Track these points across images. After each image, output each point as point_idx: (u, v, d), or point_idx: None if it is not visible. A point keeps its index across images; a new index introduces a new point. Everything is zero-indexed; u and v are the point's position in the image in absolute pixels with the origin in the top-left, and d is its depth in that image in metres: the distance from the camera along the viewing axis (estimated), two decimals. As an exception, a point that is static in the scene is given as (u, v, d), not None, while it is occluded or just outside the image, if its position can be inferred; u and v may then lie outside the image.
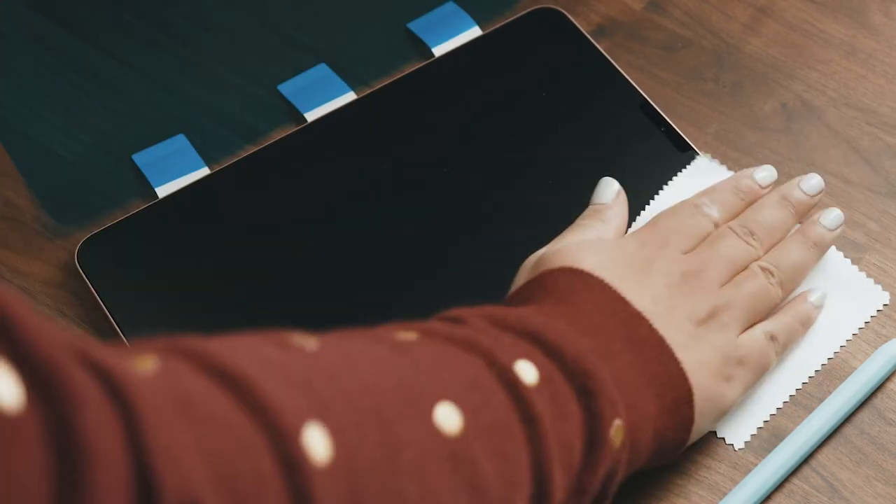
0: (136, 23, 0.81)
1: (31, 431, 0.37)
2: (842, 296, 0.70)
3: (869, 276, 0.71)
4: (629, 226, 0.71)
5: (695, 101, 0.78)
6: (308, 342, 0.51)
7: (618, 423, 0.57)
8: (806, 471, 0.67)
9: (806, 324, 0.69)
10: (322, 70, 0.79)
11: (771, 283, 0.67)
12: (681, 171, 0.73)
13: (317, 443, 0.46)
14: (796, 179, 0.70)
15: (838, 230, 0.70)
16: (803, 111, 0.78)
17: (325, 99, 0.77)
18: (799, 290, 0.69)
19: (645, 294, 0.63)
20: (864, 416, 0.68)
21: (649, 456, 0.61)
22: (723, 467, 0.67)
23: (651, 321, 0.62)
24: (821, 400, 0.69)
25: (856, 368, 0.70)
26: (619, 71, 0.78)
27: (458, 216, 0.73)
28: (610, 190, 0.69)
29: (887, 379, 0.69)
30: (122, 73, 0.79)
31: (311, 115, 0.77)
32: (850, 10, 0.81)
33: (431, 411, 0.52)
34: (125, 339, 0.69)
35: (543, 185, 0.74)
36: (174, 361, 0.45)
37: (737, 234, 0.67)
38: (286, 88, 0.78)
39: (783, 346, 0.67)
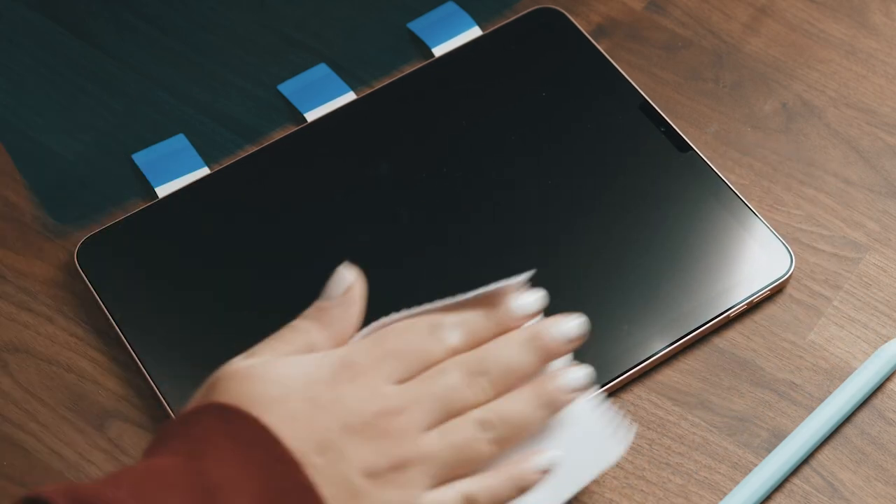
0: (136, 23, 0.81)
1: None
2: (585, 447, 0.61)
3: (620, 413, 0.64)
4: None
5: (695, 101, 0.78)
6: None
7: None
8: (806, 471, 0.67)
9: (523, 489, 0.59)
10: (322, 70, 0.79)
11: (485, 438, 0.58)
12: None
13: None
14: (555, 319, 0.61)
15: (578, 392, 0.61)
16: (803, 111, 0.78)
17: (325, 99, 0.77)
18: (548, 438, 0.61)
19: (315, 438, 0.55)
20: (864, 416, 0.68)
21: None
22: (723, 467, 0.67)
23: (308, 470, 0.54)
24: (821, 400, 0.69)
25: (856, 368, 0.70)
26: (619, 71, 0.78)
27: (458, 216, 0.73)
28: (339, 284, 0.60)
29: (887, 379, 0.69)
30: (122, 73, 0.79)
31: (311, 115, 0.77)
32: (850, 10, 0.81)
33: None
34: (125, 339, 0.69)
35: (543, 186, 0.74)
36: None
37: (466, 371, 0.59)
38: (286, 88, 0.78)
39: None
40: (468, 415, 0.58)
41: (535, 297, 0.61)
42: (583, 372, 0.61)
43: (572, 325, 0.61)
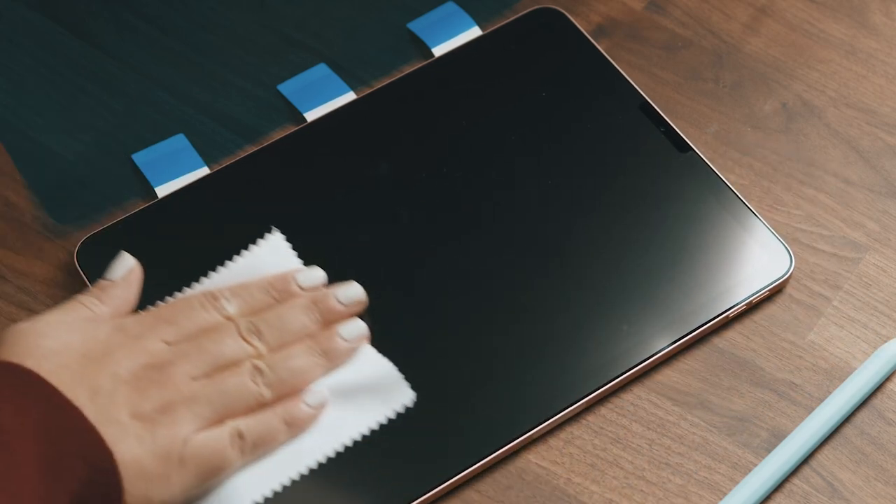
0: (136, 23, 0.81)
1: None
2: (368, 391, 0.66)
3: (400, 371, 0.66)
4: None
5: (695, 101, 0.78)
6: None
7: None
8: (806, 471, 0.67)
9: (293, 424, 0.63)
10: (322, 70, 0.79)
11: (255, 382, 0.63)
12: (255, 245, 0.69)
13: None
14: (335, 286, 0.67)
15: (356, 342, 0.66)
16: (803, 111, 0.78)
17: (324, 99, 0.77)
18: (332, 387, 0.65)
19: (87, 384, 0.60)
20: (864, 416, 0.68)
21: None
22: (723, 467, 0.67)
23: (85, 413, 0.59)
24: (820, 400, 0.69)
25: (856, 368, 0.70)
26: (619, 71, 0.78)
27: (458, 216, 0.73)
28: (121, 267, 0.66)
29: (887, 379, 0.69)
30: (122, 73, 0.79)
31: (310, 115, 0.77)
32: (850, 10, 0.81)
33: None
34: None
35: (543, 186, 0.74)
36: None
37: (238, 330, 0.64)
38: (286, 88, 0.78)
39: (253, 444, 0.62)
40: (240, 364, 0.63)
41: (316, 273, 0.67)
42: (356, 323, 0.66)
43: (351, 289, 0.66)
